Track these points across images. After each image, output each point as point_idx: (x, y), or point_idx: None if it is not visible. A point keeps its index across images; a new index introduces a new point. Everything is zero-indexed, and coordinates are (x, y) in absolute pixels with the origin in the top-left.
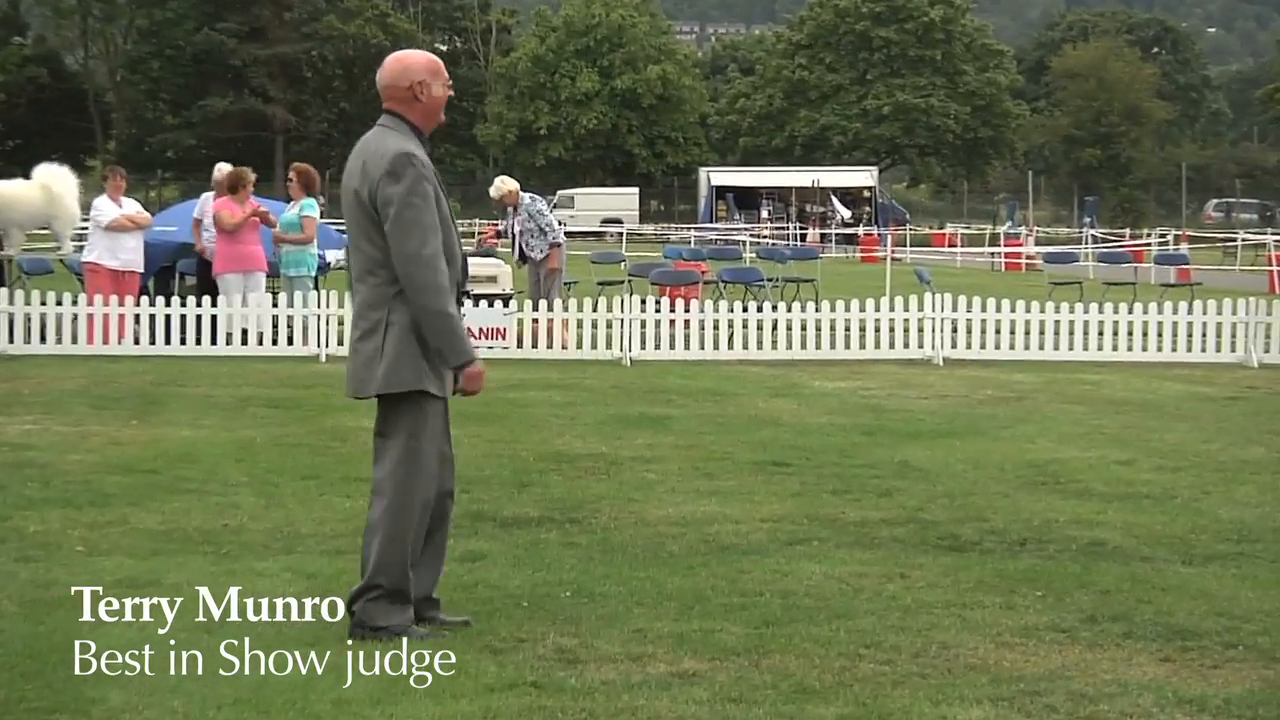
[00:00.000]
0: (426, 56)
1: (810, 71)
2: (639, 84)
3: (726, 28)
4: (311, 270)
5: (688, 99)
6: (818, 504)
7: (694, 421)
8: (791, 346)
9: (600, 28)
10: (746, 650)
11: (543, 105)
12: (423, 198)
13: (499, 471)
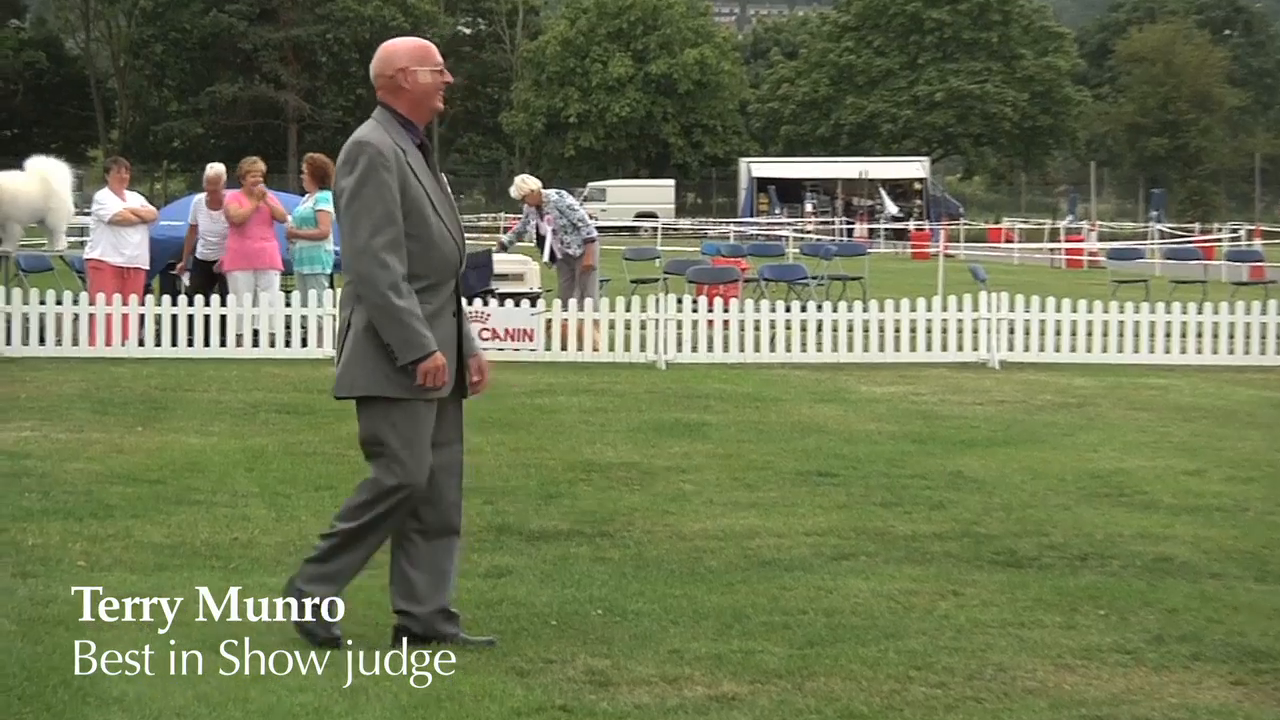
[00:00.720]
0: (412, 43)
1: (858, 55)
2: (675, 69)
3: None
4: (327, 268)
5: (727, 85)
6: (865, 517)
7: (733, 429)
8: (837, 349)
9: (634, 9)
10: (789, 672)
11: (572, 92)
12: (375, 187)
13: (525, 482)
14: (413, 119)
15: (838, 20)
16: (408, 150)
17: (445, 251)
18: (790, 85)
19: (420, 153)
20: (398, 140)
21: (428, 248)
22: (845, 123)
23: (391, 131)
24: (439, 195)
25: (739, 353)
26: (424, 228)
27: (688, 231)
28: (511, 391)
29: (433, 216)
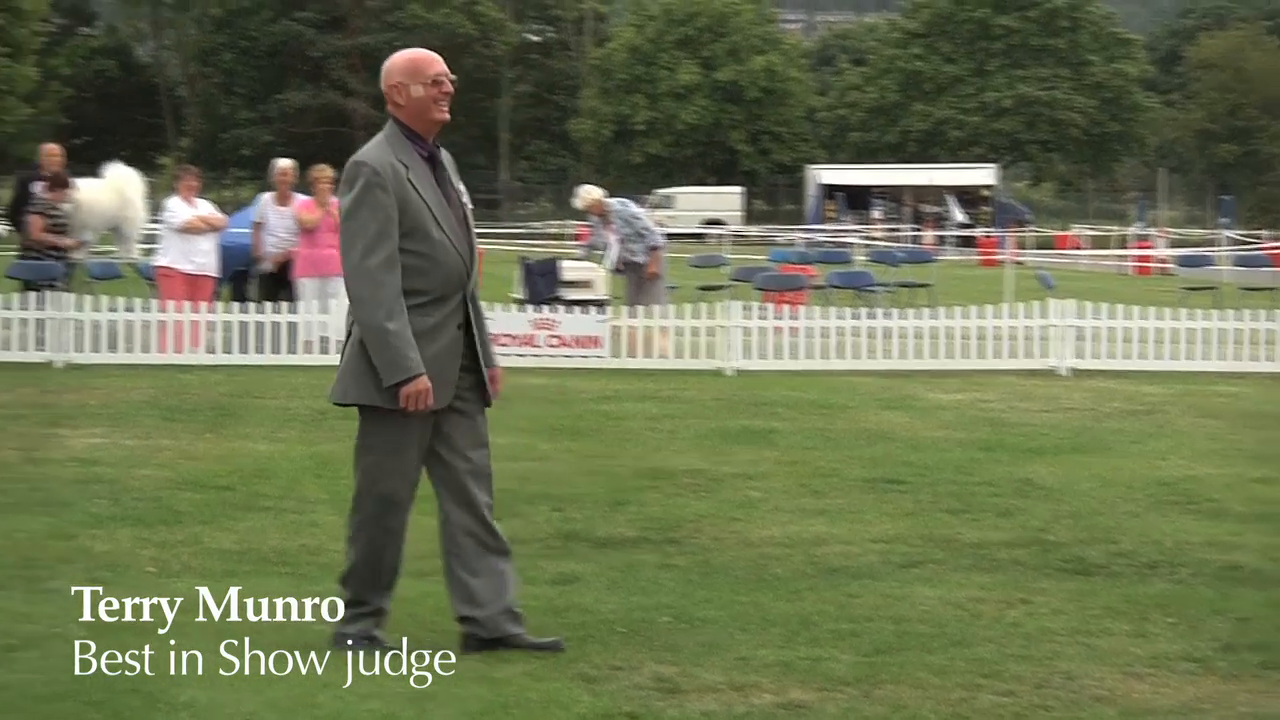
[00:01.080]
0: (409, 56)
1: (926, 62)
2: (743, 76)
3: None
4: None
5: (795, 92)
6: (933, 524)
7: (800, 436)
8: (905, 356)
9: (702, 16)
10: (857, 680)
11: (640, 99)
12: (370, 207)
13: (593, 489)
14: (418, 131)
15: (906, 27)
16: (411, 165)
17: (449, 266)
18: (858, 92)
19: (428, 165)
20: (400, 156)
21: (430, 262)
22: (913, 130)
23: (395, 147)
24: (443, 209)
25: (806, 360)
26: (425, 243)
27: (755, 238)
28: (579, 398)
29: (435, 231)
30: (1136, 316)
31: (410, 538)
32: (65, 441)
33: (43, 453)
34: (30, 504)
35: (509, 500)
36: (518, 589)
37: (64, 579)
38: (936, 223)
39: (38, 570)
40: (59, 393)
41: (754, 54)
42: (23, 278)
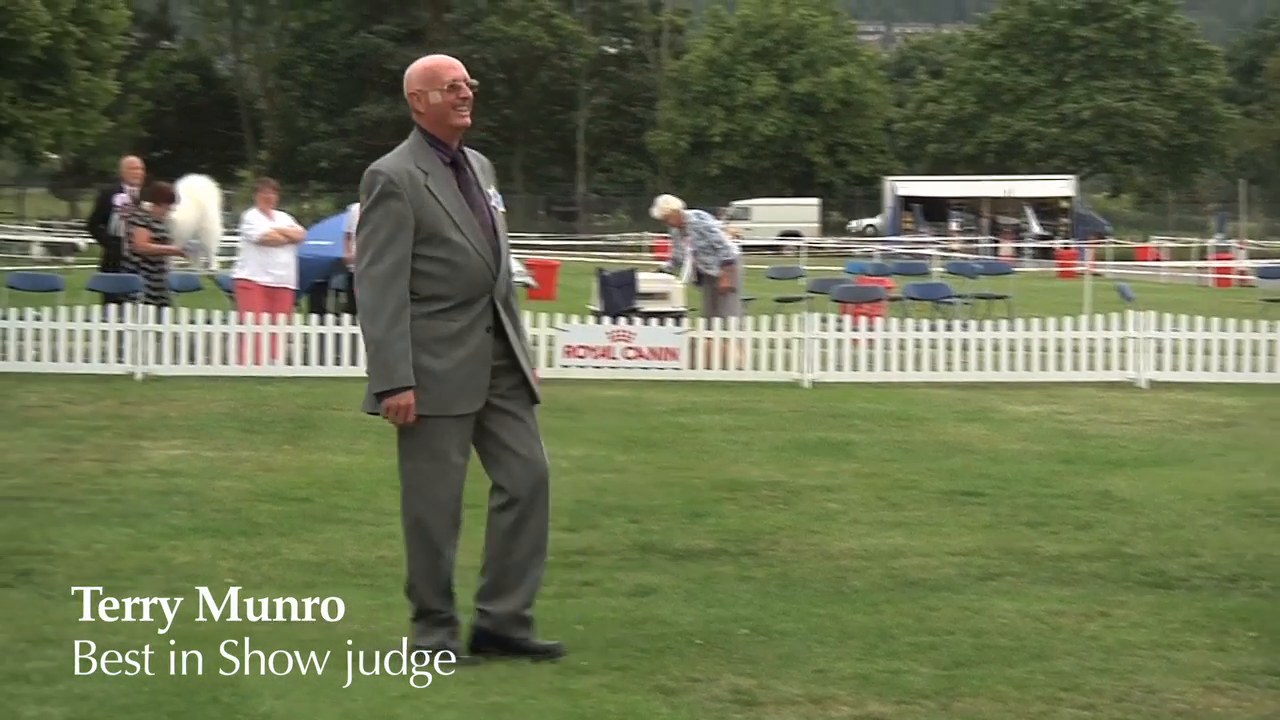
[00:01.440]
0: (426, 63)
1: (1004, 73)
2: (820, 88)
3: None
4: None
5: (872, 103)
6: (1012, 537)
7: (878, 448)
8: (983, 368)
9: (779, 28)
10: (936, 693)
11: (717, 111)
12: (381, 214)
13: (670, 501)
14: (439, 137)
15: (984, 38)
16: (430, 171)
17: (471, 270)
18: (936, 104)
19: (451, 170)
20: (420, 163)
21: (450, 268)
22: (991, 141)
23: (416, 154)
24: (464, 214)
25: (884, 372)
26: (444, 248)
27: (832, 250)
28: (656, 410)
29: (455, 235)
30: (1216, 328)
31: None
32: (145, 453)
33: (123, 464)
34: (111, 515)
35: (586, 511)
36: (536, 592)
37: (144, 590)
38: (1014, 234)
39: (118, 581)
40: (139, 404)
41: (831, 66)
42: (103, 290)
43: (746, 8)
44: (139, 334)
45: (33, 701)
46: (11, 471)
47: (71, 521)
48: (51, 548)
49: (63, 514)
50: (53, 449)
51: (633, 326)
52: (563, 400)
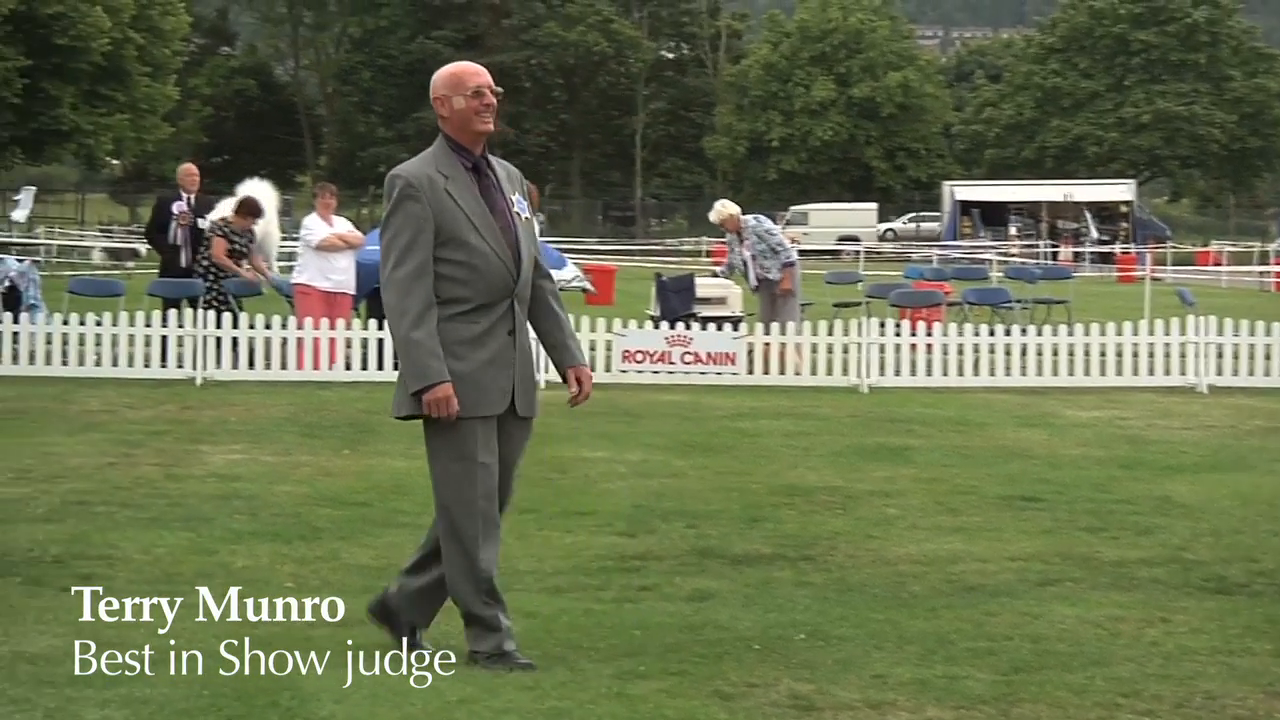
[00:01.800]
0: (450, 70)
1: (1063, 78)
2: (878, 92)
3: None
4: None
5: (930, 108)
6: (1071, 542)
7: (937, 453)
8: (1042, 373)
9: (837, 33)
10: (995, 699)
11: (775, 115)
12: (403, 218)
13: (728, 505)
14: (462, 143)
15: (1043, 42)
16: (451, 176)
17: (491, 273)
18: (994, 108)
19: (473, 174)
20: (440, 168)
21: (470, 271)
22: (1050, 145)
23: (438, 158)
24: (485, 218)
25: (942, 376)
26: (463, 250)
27: (890, 255)
28: (713, 415)
29: (474, 239)
30: (1277, 333)
31: (546, 554)
32: (205, 458)
33: (183, 469)
34: (171, 519)
35: (644, 516)
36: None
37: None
38: (1074, 239)
39: (178, 585)
40: (199, 409)
41: (890, 70)
42: (163, 295)
43: (804, 12)
44: (199, 339)
45: (94, 705)
46: (73, 476)
47: (132, 526)
48: (112, 552)
49: (124, 518)
50: (114, 453)
51: (691, 331)
52: (621, 405)
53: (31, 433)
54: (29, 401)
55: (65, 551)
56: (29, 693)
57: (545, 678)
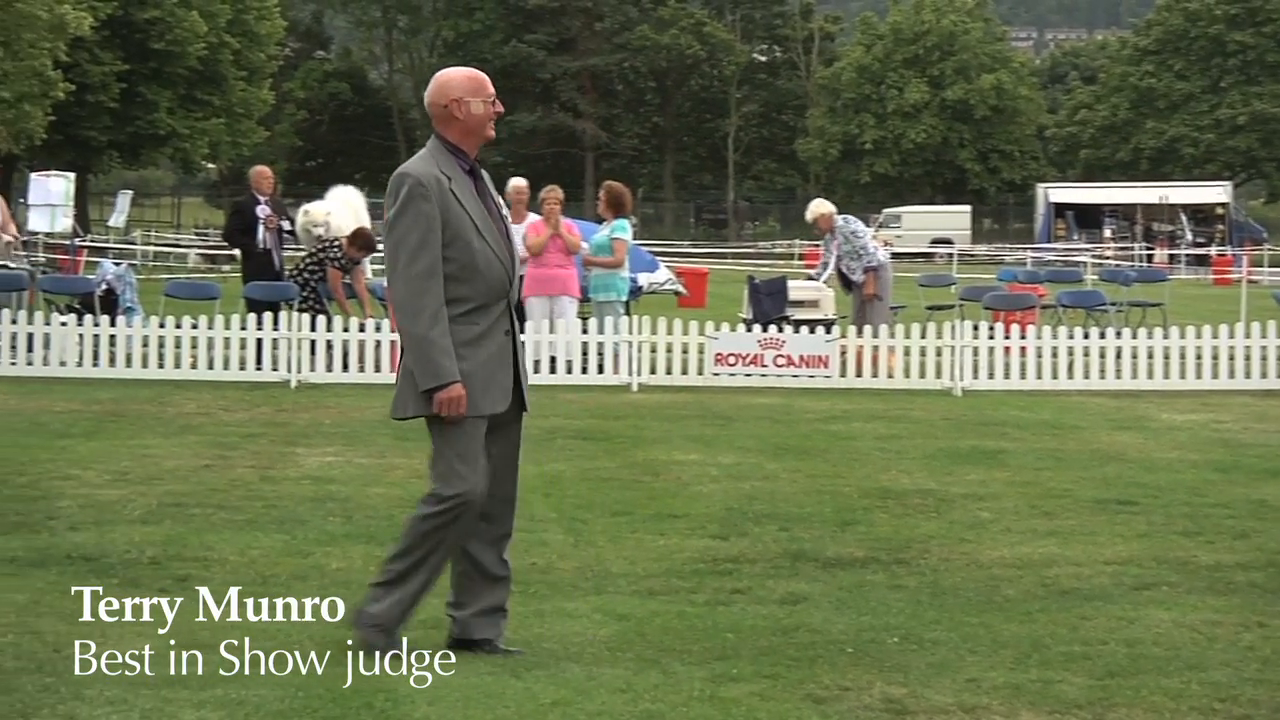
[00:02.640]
0: (466, 73)
1: (1158, 79)
2: (971, 94)
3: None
4: (622, 295)
5: (1024, 110)
6: (1167, 546)
7: (1031, 456)
8: (1137, 376)
9: (930, 35)
10: (1089, 703)
11: (868, 118)
12: (413, 216)
13: (820, 508)
14: (463, 147)
15: (1138, 44)
16: (453, 178)
17: (492, 274)
18: (1089, 110)
19: (470, 178)
20: (443, 169)
21: (472, 271)
22: (1145, 147)
23: (439, 160)
24: (485, 220)
25: (1036, 380)
26: (467, 252)
27: (984, 257)
28: (806, 418)
29: (476, 240)
30: None
31: (639, 556)
32: (300, 460)
33: (278, 471)
34: (266, 521)
35: (736, 519)
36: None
37: (298, 595)
38: (1169, 241)
39: (273, 587)
40: (294, 412)
41: (983, 72)
42: (258, 298)
43: (898, 14)
44: (293, 341)
45: (190, 706)
46: (169, 478)
47: (228, 528)
48: (208, 554)
49: (219, 520)
50: (209, 456)
51: (783, 334)
52: (713, 408)
53: (128, 435)
54: (126, 404)
55: (161, 553)
56: (125, 694)
57: (638, 680)
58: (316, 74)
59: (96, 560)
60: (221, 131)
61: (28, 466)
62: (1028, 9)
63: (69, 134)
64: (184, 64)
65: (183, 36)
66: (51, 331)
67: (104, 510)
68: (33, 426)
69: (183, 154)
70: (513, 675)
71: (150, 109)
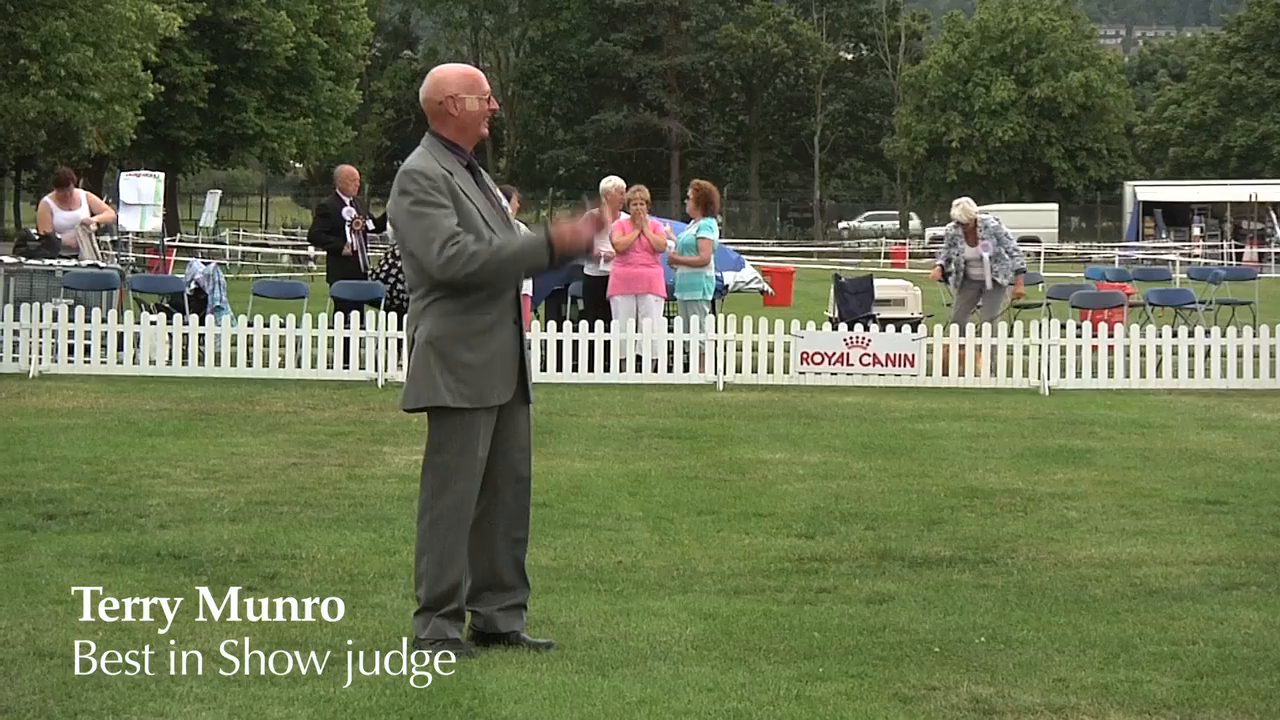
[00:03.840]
0: (462, 70)
1: (1248, 76)
2: (1059, 92)
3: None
4: (708, 294)
5: (1112, 107)
6: (1256, 546)
7: (1118, 455)
8: (1226, 375)
9: (1017, 32)
10: (1178, 703)
11: (955, 116)
12: (433, 206)
13: (907, 508)
14: (459, 143)
15: (1228, 41)
16: (454, 172)
17: None
18: (1177, 107)
19: (469, 173)
20: (444, 164)
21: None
22: (1234, 145)
23: (438, 156)
24: (490, 211)
25: (1124, 379)
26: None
27: (1071, 256)
28: (892, 417)
29: (485, 231)
30: None
31: (724, 555)
32: (387, 459)
33: (365, 469)
34: (353, 520)
35: (823, 518)
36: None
37: (386, 594)
38: (1259, 239)
39: (360, 585)
40: (381, 410)
41: (1071, 70)
42: (345, 298)
43: (985, 12)
44: (380, 340)
45: (279, 704)
46: (258, 476)
47: (316, 526)
48: (297, 552)
49: (307, 518)
50: (297, 454)
51: (869, 333)
52: (799, 407)
53: (217, 433)
54: (214, 403)
55: (250, 551)
56: (215, 691)
57: (725, 679)
58: (404, 74)
59: (186, 558)
60: (309, 131)
61: (118, 465)
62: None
63: (158, 134)
64: (272, 64)
65: (271, 37)
66: (142, 330)
67: (193, 508)
68: (123, 425)
69: (271, 153)
70: (599, 674)
71: (239, 109)
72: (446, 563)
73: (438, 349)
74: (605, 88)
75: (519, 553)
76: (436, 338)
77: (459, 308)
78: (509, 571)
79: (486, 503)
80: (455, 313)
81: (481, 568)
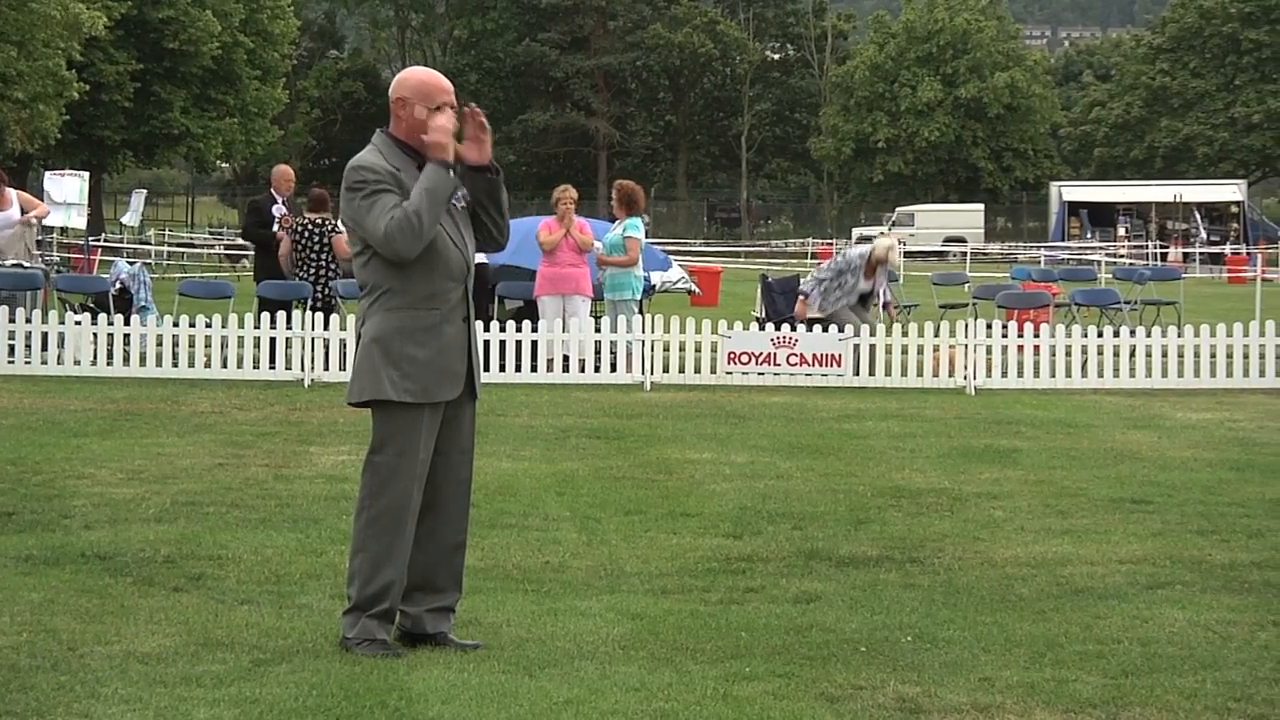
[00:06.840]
0: (422, 77)
1: (1172, 77)
2: (985, 92)
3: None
4: (636, 294)
5: (1038, 108)
6: (1181, 545)
7: (1044, 455)
8: (1151, 374)
9: (943, 33)
10: (1103, 702)
11: (881, 116)
12: (381, 194)
13: (834, 507)
14: (411, 144)
15: (1152, 42)
16: (403, 169)
17: (451, 261)
18: (1102, 108)
19: (420, 171)
20: (393, 162)
21: (431, 256)
22: (1159, 145)
23: (387, 154)
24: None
25: (1050, 378)
26: (439, 244)
27: (997, 256)
28: (819, 416)
29: (442, 235)
30: None
31: (652, 555)
32: (314, 459)
33: (292, 470)
34: (280, 520)
35: (750, 518)
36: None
37: (312, 594)
38: (1183, 240)
39: (286, 585)
40: (307, 411)
41: (997, 70)
42: (271, 297)
43: (911, 13)
44: (307, 340)
45: (205, 704)
46: (184, 476)
47: (242, 526)
48: (223, 552)
49: (233, 519)
50: (223, 454)
51: (796, 333)
52: (726, 407)
53: (143, 434)
54: (140, 403)
55: (176, 552)
56: (141, 692)
57: (652, 679)
58: (330, 73)
59: (111, 559)
60: (235, 131)
61: (42, 465)
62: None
63: (83, 133)
64: (198, 63)
65: (197, 36)
66: (66, 330)
67: (118, 509)
68: (47, 425)
69: (197, 153)
70: (526, 674)
71: (164, 108)
72: (381, 563)
73: (383, 344)
74: (532, 87)
75: (457, 559)
76: (382, 333)
77: (405, 303)
78: (443, 575)
79: (426, 504)
80: (402, 308)
81: (416, 568)
